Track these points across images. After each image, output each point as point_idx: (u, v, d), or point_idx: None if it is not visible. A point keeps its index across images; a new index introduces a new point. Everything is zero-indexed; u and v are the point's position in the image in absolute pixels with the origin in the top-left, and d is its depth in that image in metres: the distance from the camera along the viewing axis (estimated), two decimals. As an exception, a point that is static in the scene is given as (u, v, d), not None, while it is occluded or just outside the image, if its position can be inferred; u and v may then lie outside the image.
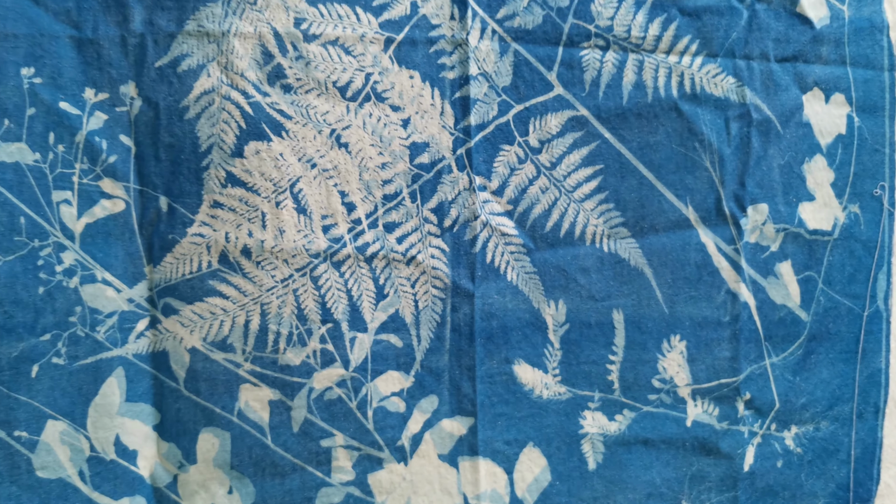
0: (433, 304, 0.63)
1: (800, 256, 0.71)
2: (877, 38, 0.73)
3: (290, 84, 0.59)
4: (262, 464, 0.60)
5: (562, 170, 0.66)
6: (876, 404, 0.75)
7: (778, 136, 0.70)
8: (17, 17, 0.55)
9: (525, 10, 0.64)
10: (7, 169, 0.55)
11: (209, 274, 0.59)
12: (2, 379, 0.55)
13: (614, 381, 0.68)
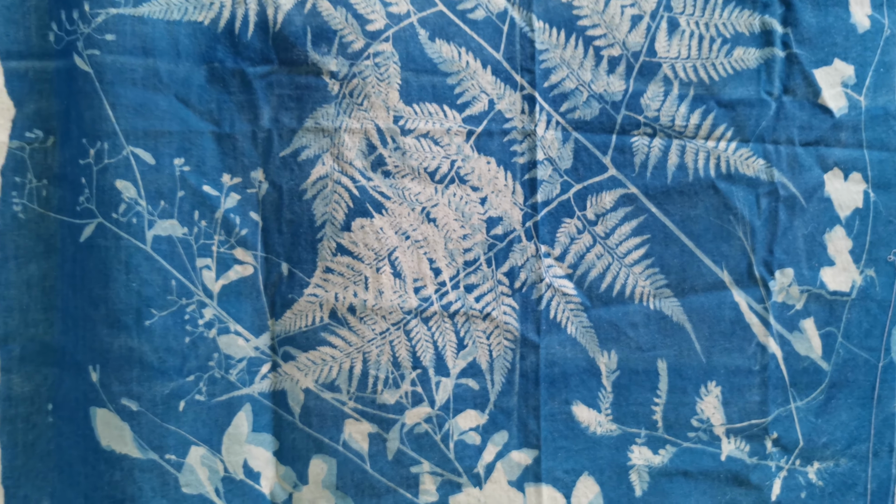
0: (505, 354, 0.77)
1: (821, 314, 0.84)
2: (891, 123, 0.86)
3: (390, 170, 0.74)
4: (362, 486, 0.74)
5: (614, 239, 0.80)
6: (890, 444, 0.88)
7: (802, 210, 0.83)
8: (172, 118, 0.70)
9: (584, 104, 0.78)
10: (162, 241, 0.70)
11: (321, 327, 0.73)
12: (156, 412, 0.69)
13: (658, 420, 0.81)
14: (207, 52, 0.69)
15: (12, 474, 0.70)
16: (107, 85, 0.67)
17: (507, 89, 0.75)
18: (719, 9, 0.80)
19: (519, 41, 0.75)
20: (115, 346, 0.67)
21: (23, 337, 0.70)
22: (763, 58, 0.80)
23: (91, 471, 0.69)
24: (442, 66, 0.73)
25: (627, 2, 0.78)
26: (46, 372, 0.71)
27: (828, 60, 0.82)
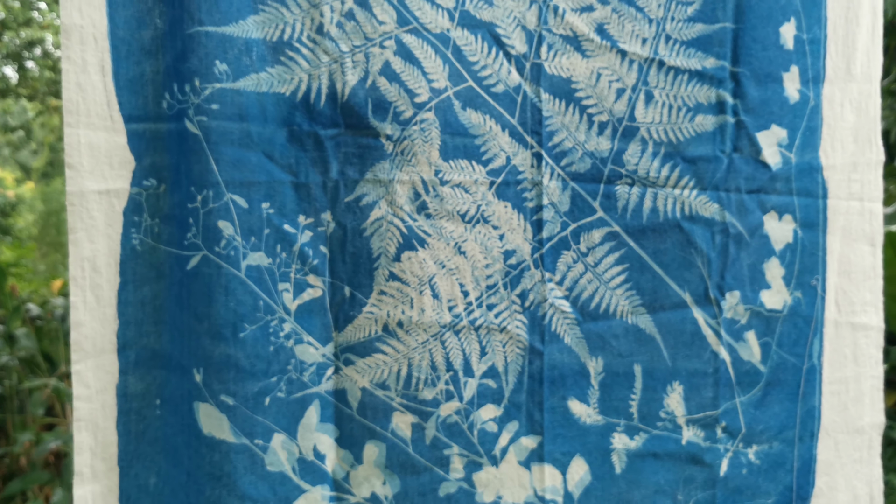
0: (516, 359, 1.07)
1: (760, 327, 1.18)
2: (815, 175, 1.21)
3: (431, 213, 1.03)
4: (405, 465, 1.03)
5: (601, 267, 1.11)
6: (811, 431, 1.22)
7: (746, 244, 1.17)
8: (261, 171, 0.98)
9: (579, 159, 1.09)
10: (253, 269, 0.97)
11: (375, 338, 1.02)
12: (247, 406, 0.97)
13: (634, 412, 1.13)
14: (288, 117, 0.97)
15: (126, 457, 0.96)
16: (212, 145, 0.94)
17: (520, 148, 1.05)
18: (684, 84, 1.12)
19: (530, 110, 1.05)
20: (216, 354, 0.94)
21: (137, 346, 0.96)
22: (718, 123, 1.13)
23: (194, 453, 0.95)
24: (471, 130, 1.03)
25: (614, 78, 1.09)
26: (155, 374, 0.97)
27: (767, 125, 1.16)
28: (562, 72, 1.11)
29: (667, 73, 1.15)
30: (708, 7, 1.17)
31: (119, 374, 1.00)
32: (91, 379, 0.98)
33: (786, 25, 1.22)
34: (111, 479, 1.00)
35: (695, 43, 1.16)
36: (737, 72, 1.18)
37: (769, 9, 1.20)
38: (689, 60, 1.16)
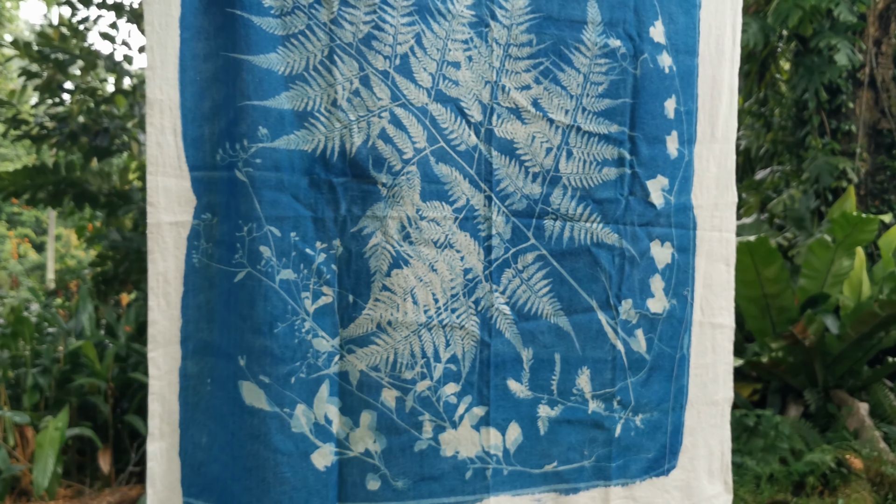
0: (471, 349, 1.63)
1: (646, 326, 1.79)
2: (688, 213, 1.83)
3: (413, 241, 1.58)
4: (390, 428, 1.58)
5: (532, 281, 1.69)
6: (681, 404, 1.86)
7: (637, 264, 1.78)
8: (290, 208, 1.49)
9: (518, 200, 1.67)
10: (284, 282, 1.49)
11: (371, 333, 1.56)
12: (279, 383, 1.48)
13: (554, 389, 1.72)
14: (310, 168, 1.49)
15: (184, 422, 1.46)
16: (256, 189, 1.45)
17: (476, 192, 1.61)
18: (595, 144, 1.71)
19: (483, 163, 1.62)
20: (256, 345, 1.45)
21: (194, 338, 1.46)
22: (618, 174, 1.73)
23: (237, 419, 1.46)
24: (442, 179, 1.58)
25: (544, 139, 1.67)
26: (207, 360, 1.47)
27: (654, 175, 1.77)
28: (507, 135, 1.68)
29: (583, 136, 1.75)
30: (613, 87, 1.77)
31: (181, 359, 1.49)
32: (161, 363, 1.47)
33: (668, 101, 1.84)
34: (174, 438, 1.49)
35: (603, 114, 1.76)
36: (633, 135, 1.79)
37: (657, 89, 1.82)
38: (599, 126, 1.76)
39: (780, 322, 5.88)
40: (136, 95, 6.72)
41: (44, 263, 15.50)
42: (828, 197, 6.83)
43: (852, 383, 6.03)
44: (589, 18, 1.75)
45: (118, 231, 6.62)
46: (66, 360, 6.10)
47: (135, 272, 6.99)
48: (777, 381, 6.14)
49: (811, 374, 5.89)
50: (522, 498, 1.73)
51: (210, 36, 1.49)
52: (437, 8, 1.61)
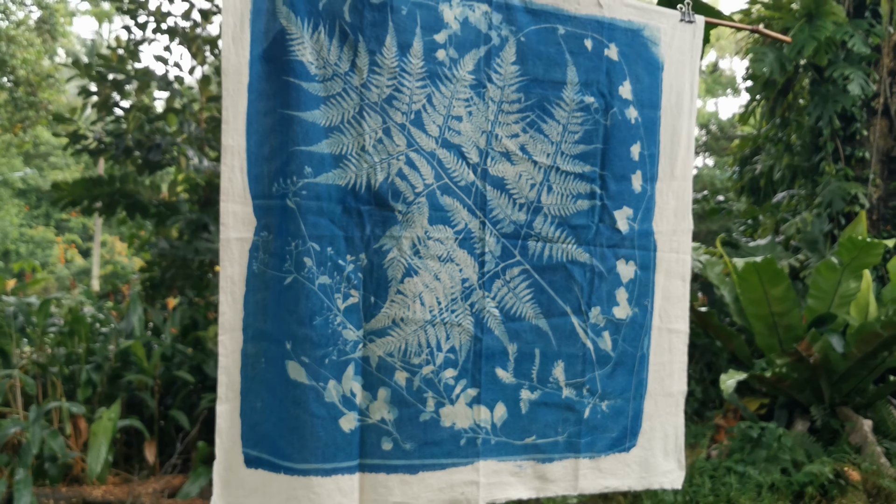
0: (466, 343, 2.11)
1: (612, 329, 2.26)
2: (649, 238, 2.30)
3: (422, 256, 2.07)
4: (401, 402, 2.06)
5: (517, 290, 2.17)
6: (641, 394, 2.32)
7: (605, 279, 2.24)
8: (327, 229, 1.99)
9: (507, 225, 2.15)
10: (322, 286, 1.98)
11: (387, 327, 2.05)
12: (316, 363, 1.97)
13: (534, 377, 2.19)
14: (343, 198, 1.98)
15: (244, 390, 1.96)
16: (302, 214, 1.94)
17: (473, 218, 2.09)
18: (571, 181, 2.18)
19: (479, 196, 2.10)
20: (300, 333, 1.94)
21: (252, 327, 1.95)
22: (590, 205, 2.20)
23: (283, 389, 1.95)
24: (446, 208, 2.06)
25: (529, 177, 2.14)
26: (261, 343, 1.96)
27: (620, 207, 2.23)
28: (499, 173, 2.16)
29: (561, 175, 2.22)
30: (587, 135, 2.24)
31: (242, 342, 1.98)
32: (228, 344, 1.97)
33: (634, 146, 2.30)
34: (236, 402, 1.98)
35: (578, 156, 2.23)
36: (603, 174, 2.26)
37: (624, 136, 2.28)
38: (575, 167, 2.23)
39: (786, 340, 6.26)
40: (185, 114, 7.31)
41: (89, 268, 16.27)
42: (840, 221, 7.20)
43: (857, 400, 6.39)
44: (568, 80, 2.23)
45: (166, 240, 7.19)
46: (116, 358, 6.67)
47: (180, 278, 7.57)
48: (784, 397, 6.51)
49: (817, 391, 6.26)
50: (507, 463, 2.20)
51: (269, 97, 1.99)
52: (444, 74, 2.10)
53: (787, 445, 5.70)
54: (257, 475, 2.01)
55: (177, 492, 5.94)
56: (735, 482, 5.52)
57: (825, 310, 6.24)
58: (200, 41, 7.38)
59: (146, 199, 7.44)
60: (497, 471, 2.19)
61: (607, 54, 2.27)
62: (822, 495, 5.43)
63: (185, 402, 6.68)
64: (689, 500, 5.49)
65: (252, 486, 2.01)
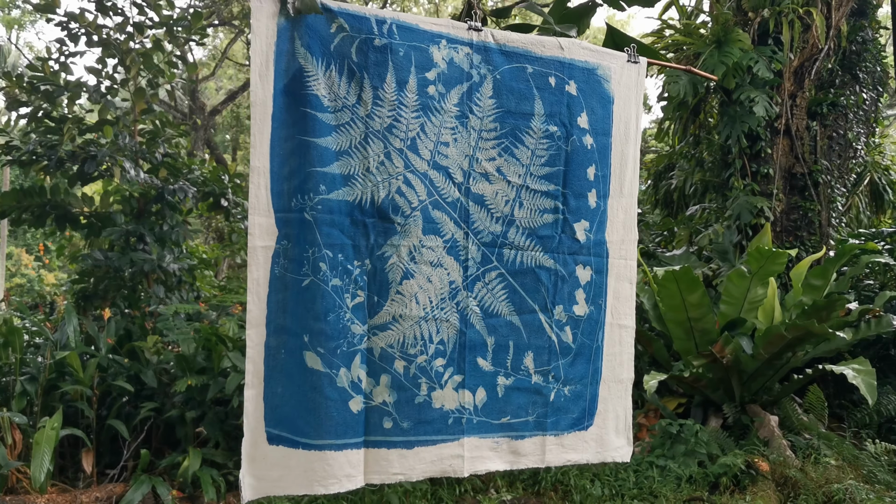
0: (453, 336, 2.53)
1: (573, 325, 2.71)
2: (602, 246, 2.78)
3: (417, 261, 2.49)
4: (399, 387, 2.46)
5: (495, 291, 2.60)
6: (597, 380, 2.78)
7: (567, 281, 2.71)
8: (338, 238, 2.38)
9: (486, 235, 2.58)
10: (334, 287, 2.36)
11: (388, 322, 2.45)
12: (329, 353, 2.36)
13: (508, 366, 2.62)
14: (351, 212, 2.38)
15: (267, 377, 2.33)
16: (317, 226, 2.33)
17: (458, 229, 2.52)
18: (539, 198, 2.64)
19: (463, 210, 2.53)
20: (315, 327, 2.33)
21: (274, 323, 2.33)
22: (554, 218, 2.66)
23: (301, 376, 2.33)
24: (437, 220, 2.49)
25: (504, 194, 2.58)
26: (282, 337, 2.34)
27: (579, 220, 2.70)
28: (479, 191, 2.58)
29: (530, 193, 2.65)
30: (551, 159, 2.69)
31: (265, 336, 2.34)
32: (253, 337, 2.32)
33: (590, 168, 2.76)
34: (259, 388, 2.34)
35: (545, 177, 2.68)
36: (565, 192, 2.71)
37: (582, 160, 2.74)
38: (541, 186, 2.67)
39: (702, 343, 6.88)
40: (119, 125, 7.48)
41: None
42: (748, 232, 7.92)
43: (765, 398, 7.06)
44: (536, 112, 2.67)
45: (101, 251, 7.34)
46: (51, 369, 6.79)
47: (112, 290, 7.71)
48: (700, 396, 7.13)
49: (729, 390, 6.90)
50: (486, 440, 2.62)
51: (289, 125, 2.36)
52: (434, 107, 2.51)
53: (703, 440, 6.29)
54: (278, 451, 2.37)
55: (119, 500, 6.12)
56: (657, 475, 6.07)
57: (736, 314, 6.88)
58: (135, 54, 7.55)
59: (77, 211, 7.56)
60: (478, 446, 2.61)
61: (568, 89, 2.73)
62: (735, 485, 6.02)
63: (122, 411, 6.84)
64: (615, 493, 6.01)
65: (274, 460, 2.37)
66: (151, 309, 7.40)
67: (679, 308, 6.73)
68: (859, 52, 8.49)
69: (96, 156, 7.10)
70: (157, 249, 7.51)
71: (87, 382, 6.64)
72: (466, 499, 5.85)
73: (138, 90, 7.69)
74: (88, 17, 7.49)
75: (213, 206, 7.91)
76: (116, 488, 6.37)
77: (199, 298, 8.01)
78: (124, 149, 7.31)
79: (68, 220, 7.61)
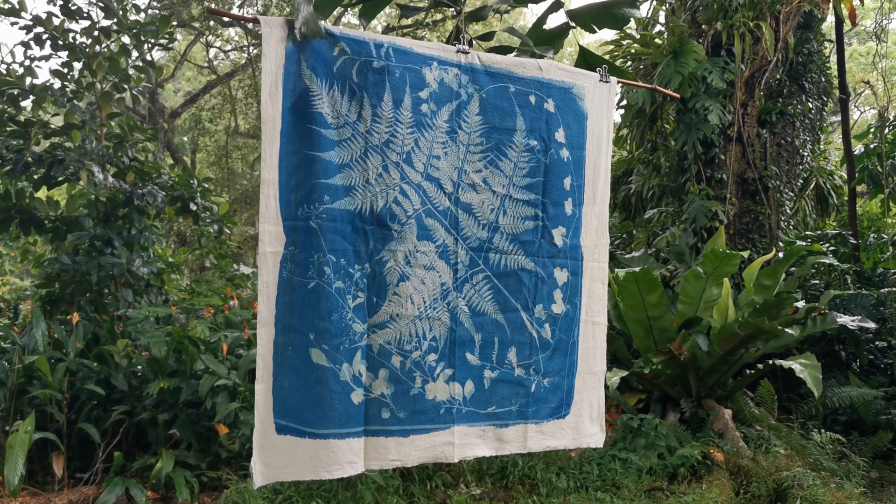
0: (444, 333, 2.80)
1: (552, 322, 3.00)
2: (578, 250, 3.07)
3: (411, 265, 2.75)
4: (396, 380, 2.72)
5: (482, 291, 2.87)
6: (573, 372, 3.07)
7: (546, 283, 2.99)
8: (341, 244, 2.62)
9: (474, 241, 2.85)
10: (338, 289, 2.61)
11: (386, 321, 2.71)
12: (333, 350, 2.60)
13: (494, 360, 2.90)
14: (352, 220, 2.63)
15: (275, 372, 2.57)
16: (322, 233, 2.57)
17: (448, 235, 2.79)
18: (520, 206, 2.91)
19: (453, 218, 2.80)
20: (320, 326, 2.57)
21: (282, 322, 2.56)
22: (535, 225, 2.94)
23: (307, 371, 2.57)
24: (429, 227, 2.75)
25: (489, 203, 2.86)
26: (289, 335, 2.59)
27: (557, 227, 2.99)
28: (467, 200, 2.84)
29: (513, 202, 2.92)
30: (532, 170, 2.96)
31: (274, 334, 2.58)
32: (263, 335, 2.55)
33: (566, 179, 3.04)
34: (268, 382, 2.57)
35: (526, 187, 2.95)
36: (544, 201, 2.98)
37: (559, 171, 3.02)
38: (523, 195, 2.94)
39: (661, 341, 7.24)
40: (86, 129, 7.59)
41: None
42: (703, 235, 8.31)
43: (720, 393, 7.44)
44: (518, 127, 2.94)
45: (68, 255, 7.44)
46: (20, 373, 6.88)
47: (79, 294, 7.80)
48: (659, 392, 7.49)
49: (686, 386, 7.26)
50: (474, 428, 2.88)
51: (296, 140, 2.59)
52: (427, 123, 2.77)
53: (662, 434, 6.64)
54: (286, 440, 2.60)
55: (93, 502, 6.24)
56: (619, 467, 6.39)
57: (692, 313, 7.25)
58: (101, 58, 7.66)
59: (42, 215, 7.65)
60: (467, 434, 2.87)
61: (546, 107, 3.00)
62: (692, 475, 6.37)
63: (91, 415, 6.95)
64: (580, 485, 6.32)
65: (282, 448, 2.60)
66: (120, 313, 7.52)
67: (639, 308, 7.08)
68: (805, 63, 8.97)
69: (63, 160, 7.20)
70: (126, 253, 7.63)
71: (57, 386, 6.74)
72: (437, 494, 6.10)
73: (104, 94, 7.80)
74: (55, 21, 7.59)
75: (181, 210, 8.05)
76: (89, 491, 6.49)
77: (167, 302, 8.14)
78: (91, 153, 7.42)
79: (33, 225, 7.68)
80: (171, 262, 8.72)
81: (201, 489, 6.22)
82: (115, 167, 7.84)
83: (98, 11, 7.79)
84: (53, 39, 7.69)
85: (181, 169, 8.35)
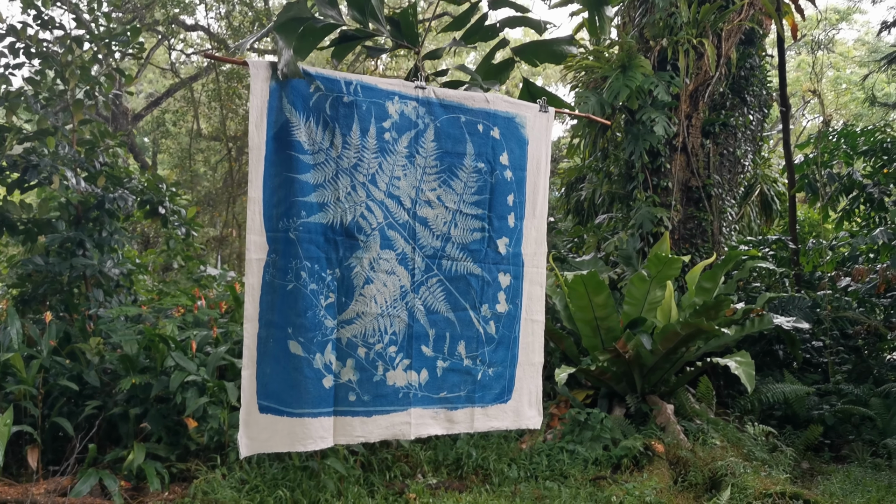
0: (403, 329, 3.36)
1: (496, 319, 3.57)
2: (519, 258, 3.63)
3: (375, 270, 3.28)
4: (361, 368, 3.24)
5: (435, 293, 3.42)
6: (515, 363, 3.65)
7: (491, 285, 3.56)
8: (315, 252, 3.14)
9: (429, 249, 3.39)
10: (312, 291, 3.13)
11: (354, 317, 3.25)
12: (308, 342, 3.12)
13: (445, 352, 3.44)
14: (325, 231, 3.16)
15: (259, 360, 3.08)
16: (300, 243, 3.10)
17: (407, 245, 3.33)
18: (469, 220, 3.48)
19: (411, 230, 3.34)
20: (297, 322, 3.10)
21: (264, 318, 3.10)
22: (482, 236, 3.54)
23: (285, 359, 3.10)
24: (391, 238, 3.29)
25: (442, 217, 3.40)
26: (271, 329, 3.11)
27: (501, 237, 3.58)
28: (424, 215, 3.37)
29: (463, 216, 3.46)
30: (479, 189, 3.50)
31: (258, 328, 3.08)
32: (249, 329, 3.06)
33: (510, 196, 3.59)
34: (253, 369, 3.08)
35: (474, 203, 3.49)
36: (490, 215, 3.53)
37: (503, 189, 3.56)
38: (472, 210, 3.48)
39: (608, 340, 7.83)
40: (58, 135, 7.99)
41: None
42: (650, 240, 8.93)
43: (662, 389, 8.05)
44: (467, 152, 3.48)
45: (40, 256, 7.83)
46: (-5, 370, 7.25)
47: (50, 294, 8.20)
48: (605, 388, 8.09)
49: (631, 382, 7.86)
50: (428, 410, 3.41)
51: (278, 164, 3.10)
52: (389, 149, 3.29)
53: (608, 427, 7.23)
54: (267, 418, 3.11)
55: (67, 492, 6.66)
56: (567, 458, 6.96)
57: (637, 314, 7.85)
58: (74, 67, 8.06)
59: (16, 217, 8.03)
60: (422, 415, 3.40)
61: (492, 134, 3.54)
62: (634, 465, 6.97)
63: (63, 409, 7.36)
64: (530, 475, 6.87)
65: (264, 425, 3.11)
66: (91, 312, 7.93)
67: (587, 308, 7.66)
68: (747, 77, 9.65)
69: (38, 164, 7.60)
70: (98, 255, 8.04)
71: (31, 382, 7.14)
72: (396, 483, 6.62)
73: (77, 101, 8.20)
74: (29, 31, 7.98)
75: (149, 213, 8.48)
76: (64, 481, 6.92)
77: (136, 302, 8.56)
78: (64, 158, 7.82)
79: (6, 227, 8.06)
80: (138, 263, 9.13)
81: (171, 480, 6.67)
82: (87, 172, 8.24)
83: (70, 21, 8.18)
84: (27, 48, 8.08)
85: (151, 174, 8.77)
